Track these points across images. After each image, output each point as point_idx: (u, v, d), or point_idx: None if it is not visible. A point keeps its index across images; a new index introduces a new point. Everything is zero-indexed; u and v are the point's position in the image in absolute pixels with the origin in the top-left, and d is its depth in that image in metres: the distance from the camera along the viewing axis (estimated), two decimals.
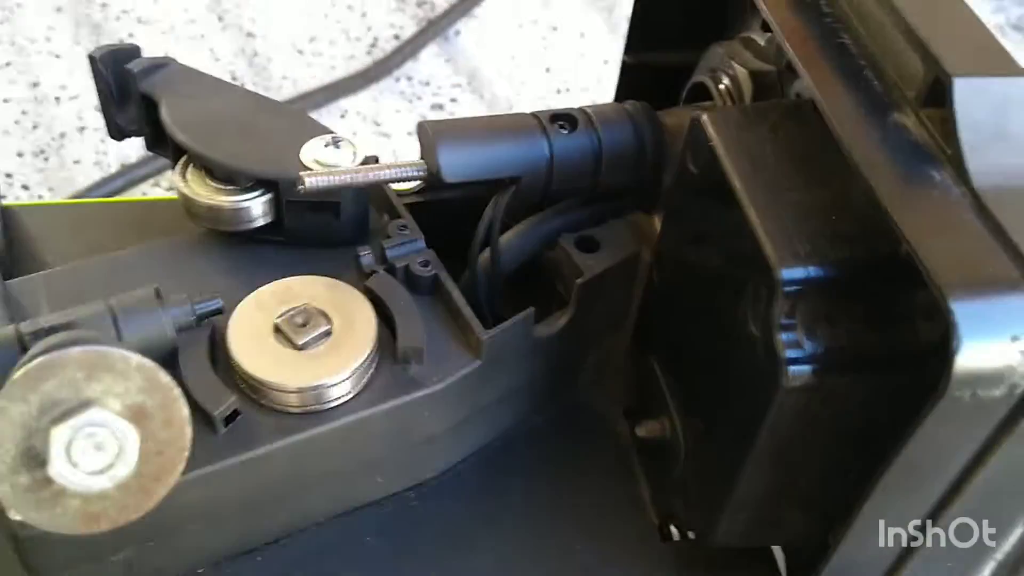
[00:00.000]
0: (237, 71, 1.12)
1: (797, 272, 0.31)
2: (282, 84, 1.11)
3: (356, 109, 1.10)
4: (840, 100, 0.32)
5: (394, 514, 0.42)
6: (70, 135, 1.02)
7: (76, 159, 0.99)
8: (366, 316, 0.39)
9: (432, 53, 1.19)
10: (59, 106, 1.04)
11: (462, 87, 1.15)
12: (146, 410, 0.28)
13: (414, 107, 1.12)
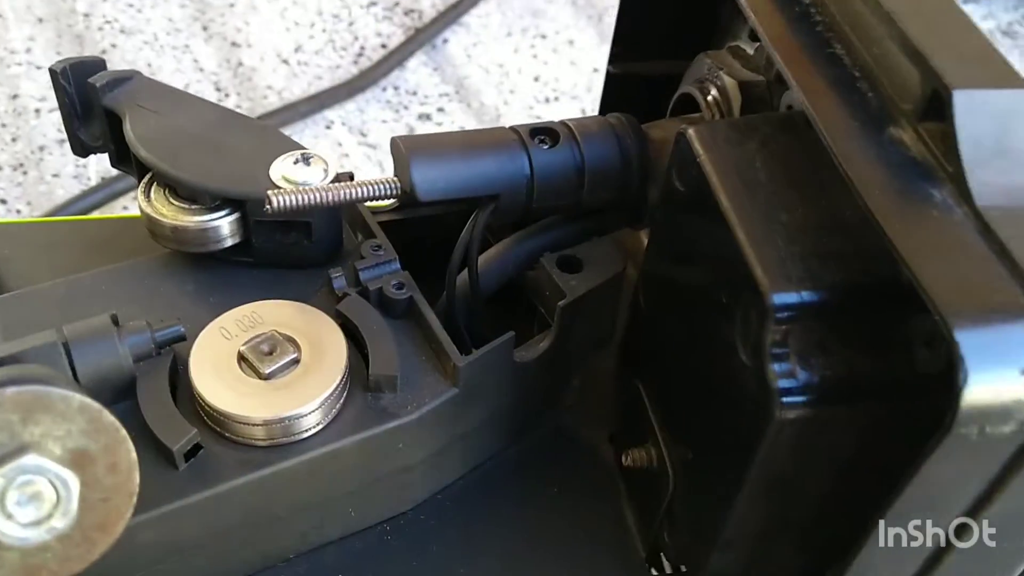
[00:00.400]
0: (221, 81, 1.10)
1: (789, 297, 0.29)
2: (267, 94, 1.09)
3: (342, 120, 1.08)
4: (833, 113, 0.30)
5: (367, 550, 0.40)
6: (49, 148, 1.00)
7: (55, 172, 0.98)
8: (336, 342, 0.37)
9: (419, 62, 1.17)
10: (39, 118, 1.03)
11: (450, 96, 1.13)
12: (89, 454, 0.26)
13: (401, 117, 1.10)
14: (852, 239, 0.30)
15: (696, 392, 0.36)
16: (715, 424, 0.34)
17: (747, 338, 0.30)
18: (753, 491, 0.32)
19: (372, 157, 1.04)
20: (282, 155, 0.41)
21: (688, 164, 0.34)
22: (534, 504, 0.42)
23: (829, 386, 0.29)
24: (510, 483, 0.43)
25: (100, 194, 0.91)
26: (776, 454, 0.30)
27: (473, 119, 1.10)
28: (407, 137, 0.39)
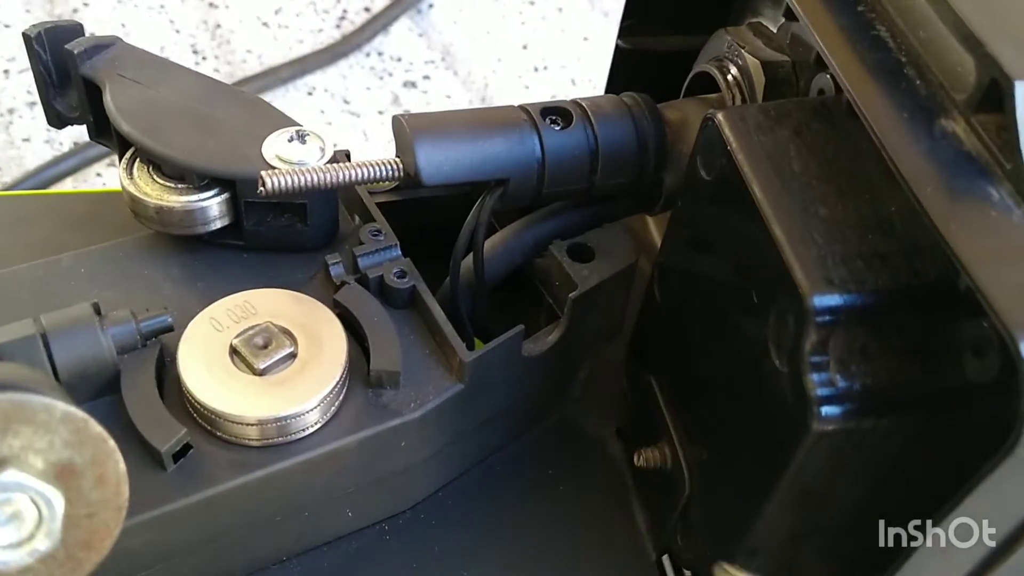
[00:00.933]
0: (199, 44, 1.07)
1: (830, 300, 0.27)
2: (246, 58, 1.06)
3: (324, 86, 1.05)
4: (880, 103, 0.28)
5: (365, 550, 0.38)
6: (19, 111, 0.96)
7: (25, 137, 0.94)
8: (335, 335, 0.34)
9: (404, 27, 1.14)
10: (7, 79, 0.99)
11: (435, 63, 1.10)
12: (74, 468, 0.24)
13: (385, 84, 1.07)
14: (896, 237, 0.28)
15: (718, 392, 0.34)
16: (740, 428, 0.32)
17: (782, 342, 0.28)
18: (783, 500, 0.30)
19: (356, 125, 1.01)
20: (275, 131, 0.38)
21: (716, 151, 0.32)
22: (540, 502, 0.40)
23: (870, 396, 0.27)
24: (514, 479, 0.41)
25: (73, 160, 0.88)
26: (810, 465, 0.28)
27: (460, 87, 1.07)
28: (411, 116, 0.37)
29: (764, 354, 0.30)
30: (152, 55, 0.42)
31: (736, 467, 0.33)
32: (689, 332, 0.36)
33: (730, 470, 0.34)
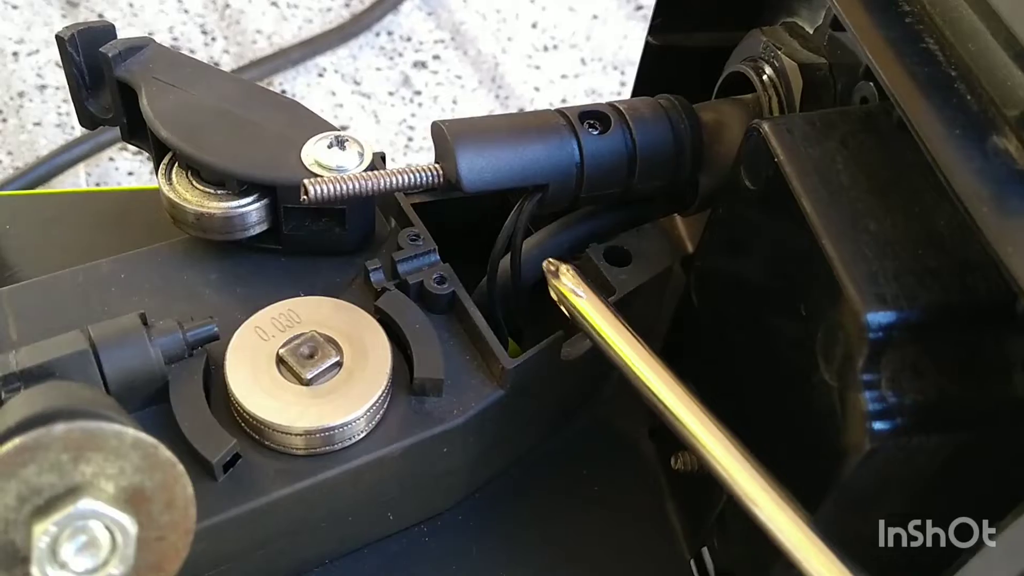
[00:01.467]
0: (207, 24, 1.06)
1: (883, 317, 0.27)
2: (256, 39, 1.05)
3: (334, 67, 1.05)
4: (931, 118, 0.28)
5: (405, 551, 0.38)
6: (29, 94, 0.95)
7: (37, 120, 0.93)
8: (379, 344, 0.35)
9: (413, 6, 1.13)
10: (17, 62, 0.98)
11: (445, 43, 1.10)
12: (144, 492, 0.24)
13: (395, 64, 1.07)
14: (946, 253, 0.28)
15: (759, 400, 0.34)
16: (782, 437, 0.33)
17: (832, 356, 0.29)
18: (827, 512, 0.30)
19: (366, 107, 1.01)
20: (314, 136, 0.38)
21: (762, 161, 0.32)
22: (574, 502, 0.41)
23: (920, 412, 0.28)
24: (549, 480, 0.41)
25: (86, 145, 0.87)
26: (859, 479, 0.29)
27: (470, 67, 1.07)
28: (450, 122, 0.37)
29: (811, 366, 0.30)
30: (186, 57, 0.42)
31: (778, 475, 0.33)
32: (728, 337, 0.37)
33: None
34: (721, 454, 0.32)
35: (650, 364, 0.34)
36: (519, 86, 1.05)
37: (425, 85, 1.04)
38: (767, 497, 0.31)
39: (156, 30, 1.03)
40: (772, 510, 0.31)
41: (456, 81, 1.05)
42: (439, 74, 1.06)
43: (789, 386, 0.32)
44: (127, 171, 0.91)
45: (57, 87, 0.96)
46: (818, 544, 0.30)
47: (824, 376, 0.29)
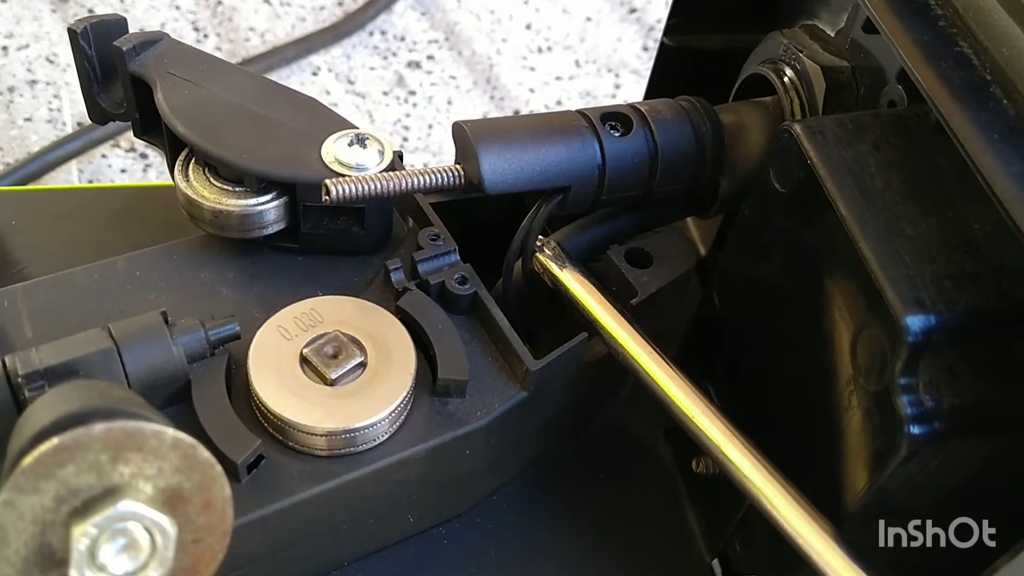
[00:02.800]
0: (200, 21, 1.05)
1: (922, 322, 0.27)
2: (249, 36, 1.04)
3: (328, 66, 1.04)
4: (968, 121, 0.28)
5: (424, 553, 0.38)
6: (20, 89, 0.94)
7: (27, 116, 0.92)
8: (403, 345, 0.34)
9: (407, 5, 1.12)
10: (6, 56, 0.97)
11: (439, 43, 1.09)
12: (182, 493, 0.23)
13: (389, 64, 1.06)
14: (983, 258, 0.28)
15: (787, 406, 0.34)
16: (813, 444, 0.33)
17: (870, 361, 0.29)
18: (862, 515, 0.30)
19: (361, 107, 1.00)
20: (333, 134, 0.38)
21: (792, 163, 0.32)
22: (592, 504, 0.41)
23: (958, 416, 0.28)
24: (566, 482, 0.41)
25: (79, 141, 0.86)
26: (895, 482, 0.29)
27: (464, 68, 1.06)
28: (472, 122, 0.36)
29: (844, 370, 0.30)
30: (201, 51, 0.41)
31: (806, 484, 0.33)
32: (752, 341, 0.36)
33: (799, 482, 0.34)
34: (699, 417, 0.34)
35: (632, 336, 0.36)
36: (514, 87, 1.05)
37: (419, 85, 1.04)
38: (777, 493, 0.32)
39: (147, 26, 1.02)
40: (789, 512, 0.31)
41: (451, 81, 1.05)
42: (433, 74, 1.06)
43: (819, 389, 0.32)
44: (120, 168, 0.90)
45: (48, 82, 0.95)
46: (839, 552, 0.30)
47: (859, 380, 0.29)
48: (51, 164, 0.85)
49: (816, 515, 0.31)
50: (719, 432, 0.34)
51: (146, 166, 0.91)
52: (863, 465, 0.29)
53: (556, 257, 0.38)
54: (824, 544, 0.31)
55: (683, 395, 0.35)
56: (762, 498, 0.32)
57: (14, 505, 0.22)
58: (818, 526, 0.31)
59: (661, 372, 0.35)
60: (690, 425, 0.34)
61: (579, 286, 0.37)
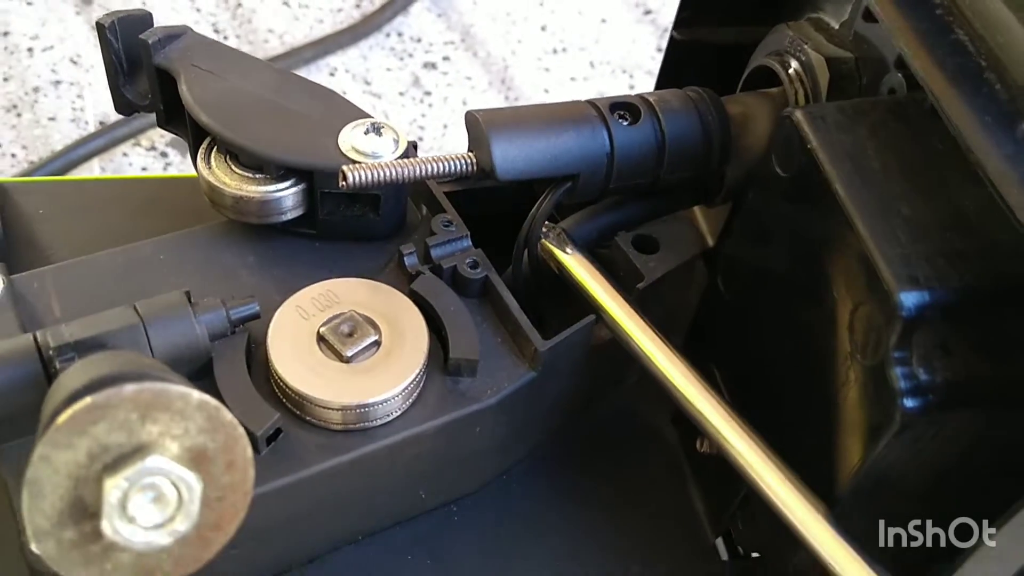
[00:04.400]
0: (220, 23, 1.07)
1: (916, 298, 0.28)
2: (268, 38, 1.06)
3: (345, 66, 1.06)
4: (963, 107, 0.29)
5: (435, 529, 0.39)
6: (44, 89, 0.96)
7: (51, 115, 0.94)
8: (416, 325, 0.36)
9: (423, 7, 1.14)
10: (32, 58, 0.99)
11: (455, 44, 1.10)
12: (207, 453, 0.25)
13: (406, 65, 1.08)
14: (976, 237, 0.29)
15: (789, 383, 0.35)
16: (813, 418, 0.34)
17: (866, 336, 0.30)
18: (858, 487, 0.31)
19: (377, 107, 1.01)
20: (350, 123, 0.39)
21: (794, 149, 0.33)
22: (599, 485, 0.42)
23: (950, 389, 0.29)
24: (573, 464, 0.42)
25: (101, 140, 0.88)
26: (890, 454, 0.30)
27: (480, 69, 1.07)
28: (484, 111, 0.37)
29: (842, 346, 0.31)
30: (222, 45, 0.42)
31: (806, 457, 0.34)
32: (756, 322, 0.38)
33: (799, 459, 0.35)
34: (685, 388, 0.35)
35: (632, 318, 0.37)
36: (528, 88, 1.06)
37: (435, 86, 1.05)
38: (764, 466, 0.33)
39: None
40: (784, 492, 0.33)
41: (466, 82, 1.06)
42: (449, 75, 1.07)
43: (819, 366, 0.33)
44: (140, 166, 0.91)
45: (71, 83, 0.97)
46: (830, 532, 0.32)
47: (856, 355, 0.30)
48: (74, 162, 0.87)
49: (809, 496, 0.33)
50: (716, 413, 0.35)
51: (166, 164, 0.93)
52: (860, 438, 0.30)
53: (560, 242, 0.39)
54: (817, 524, 0.32)
55: (682, 377, 0.36)
56: (757, 478, 0.33)
57: (49, 460, 0.23)
58: (811, 507, 0.32)
59: (661, 355, 0.36)
60: (687, 406, 0.35)
61: (583, 270, 0.38)
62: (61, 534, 0.24)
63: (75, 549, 0.24)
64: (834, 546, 0.32)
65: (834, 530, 0.32)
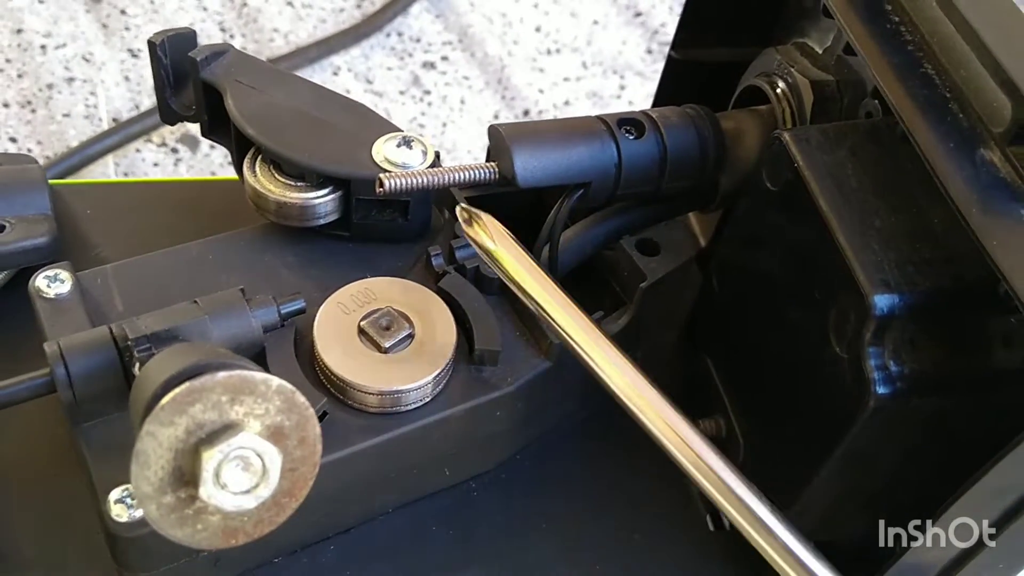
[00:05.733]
0: (226, 22, 1.10)
1: (888, 300, 0.33)
2: (273, 37, 1.10)
3: (348, 66, 1.09)
4: (930, 133, 0.34)
5: (457, 503, 0.43)
6: (58, 86, 0.99)
7: (66, 112, 0.98)
8: (445, 320, 0.40)
9: (422, 8, 1.18)
10: (45, 55, 1.02)
11: (453, 45, 1.14)
12: (283, 430, 0.29)
13: (406, 64, 1.11)
14: (940, 247, 0.34)
15: (774, 372, 0.40)
16: (796, 403, 0.38)
17: (843, 333, 0.34)
18: (835, 466, 0.36)
19: (379, 105, 1.05)
20: (383, 136, 0.43)
21: (782, 166, 0.37)
22: (602, 464, 0.46)
23: (917, 379, 0.33)
24: (579, 446, 0.46)
25: (115, 137, 0.92)
26: (864, 436, 0.34)
27: (477, 69, 1.11)
28: (506, 125, 0.42)
29: (823, 341, 0.35)
30: (262, 61, 0.46)
31: (790, 437, 0.39)
32: (746, 319, 0.42)
33: (784, 440, 0.39)
34: (619, 380, 0.38)
35: (557, 298, 0.38)
36: (524, 88, 1.10)
37: (434, 85, 1.09)
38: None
39: (176, 26, 1.07)
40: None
41: (464, 82, 1.10)
42: (447, 74, 1.11)
43: (802, 357, 0.37)
44: (152, 162, 0.95)
45: (84, 80, 1.00)
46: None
47: (835, 349, 0.35)
48: (90, 158, 0.90)
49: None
50: (630, 385, 0.38)
51: (177, 160, 0.97)
52: (837, 421, 0.35)
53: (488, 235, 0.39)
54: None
55: (600, 352, 0.38)
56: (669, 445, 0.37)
57: (155, 435, 0.27)
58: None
59: (578, 328, 0.37)
60: (604, 380, 0.38)
61: (513, 262, 0.39)
62: (161, 499, 0.28)
63: (173, 512, 0.28)
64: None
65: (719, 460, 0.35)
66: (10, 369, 0.36)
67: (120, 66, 1.03)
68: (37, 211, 0.46)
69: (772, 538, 0.34)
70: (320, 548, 0.41)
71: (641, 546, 0.44)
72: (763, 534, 0.34)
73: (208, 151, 0.97)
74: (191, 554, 0.37)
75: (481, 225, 0.39)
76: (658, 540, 0.44)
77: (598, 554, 0.44)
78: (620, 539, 0.44)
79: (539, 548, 0.43)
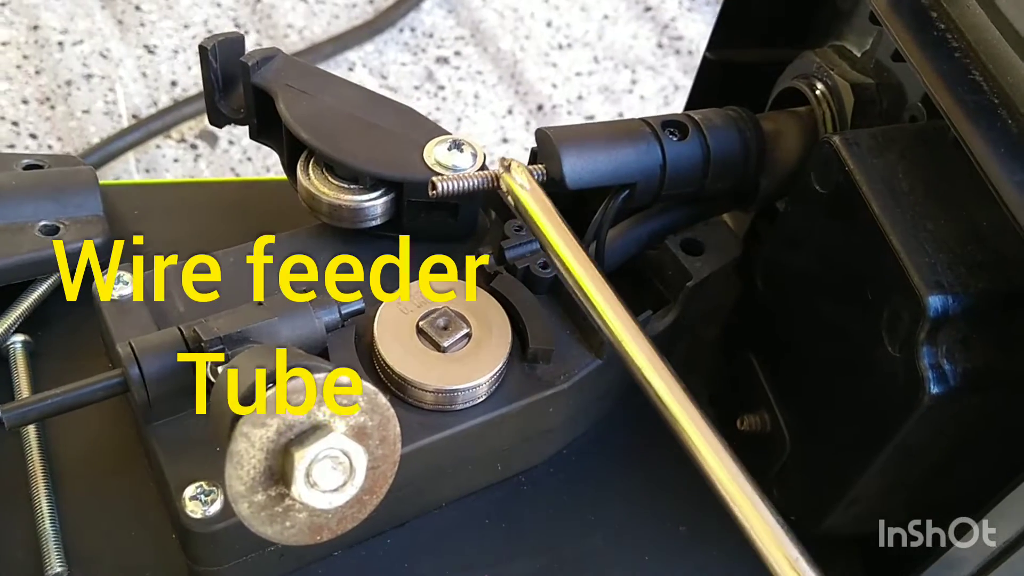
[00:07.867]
0: (240, 17, 1.11)
1: (942, 301, 0.34)
2: (287, 32, 1.10)
3: (362, 61, 1.10)
4: (980, 137, 0.35)
5: (507, 497, 0.45)
6: (77, 83, 1.00)
7: (85, 108, 0.98)
8: (500, 320, 0.41)
9: (434, 3, 1.18)
10: (62, 51, 1.02)
11: (465, 40, 1.15)
12: (366, 430, 0.30)
13: (419, 60, 1.12)
14: (991, 250, 0.35)
15: (824, 370, 0.41)
16: (845, 399, 0.39)
17: (896, 332, 0.35)
18: (886, 460, 0.37)
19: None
20: (433, 139, 0.44)
21: (832, 169, 0.38)
22: (646, 457, 0.47)
23: (969, 377, 0.34)
24: (624, 438, 0.47)
25: (136, 133, 0.92)
26: (916, 432, 0.35)
27: (490, 64, 1.12)
28: (554, 128, 0.42)
29: (875, 340, 0.36)
30: (310, 65, 0.47)
31: (840, 432, 0.40)
32: (792, 317, 0.43)
33: (832, 435, 0.40)
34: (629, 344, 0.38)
35: (580, 258, 0.38)
36: (537, 82, 1.11)
37: (448, 80, 1.10)
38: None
39: (191, 22, 1.08)
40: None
41: (477, 76, 1.11)
42: (460, 69, 1.12)
43: (852, 356, 0.38)
44: (173, 158, 0.96)
45: (103, 76, 1.00)
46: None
47: (888, 348, 0.36)
48: (112, 154, 0.91)
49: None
50: (644, 357, 0.38)
51: (196, 156, 0.97)
52: (888, 418, 0.36)
53: (524, 179, 0.39)
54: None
55: (616, 318, 0.38)
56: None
57: (249, 437, 0.28)
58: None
59: (601, 297, 0.38)
60: (619, 346, 0.37)
61: (539, 208, 0.39)
62: (252, 497, 0.29)
63: (263, 510, 0.29)
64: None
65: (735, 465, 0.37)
66: (69, 369, 0.37)
67: (137, 62, 1.03)
68: (90, 212, 0.47)
69: (772, 546, 0.35)
70: (377, 542, 0.42)
71: (687, 538, 0.45)
72: (764, 540, 0.35)
73: (227, 147, 0.98)
74: (260, 548, 0.38)
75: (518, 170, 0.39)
76: (704, 532, 0.46)
77: (645, 546, 0.45)
78: (666, 531, 0.45)
79: (587, 540, 0.44)
